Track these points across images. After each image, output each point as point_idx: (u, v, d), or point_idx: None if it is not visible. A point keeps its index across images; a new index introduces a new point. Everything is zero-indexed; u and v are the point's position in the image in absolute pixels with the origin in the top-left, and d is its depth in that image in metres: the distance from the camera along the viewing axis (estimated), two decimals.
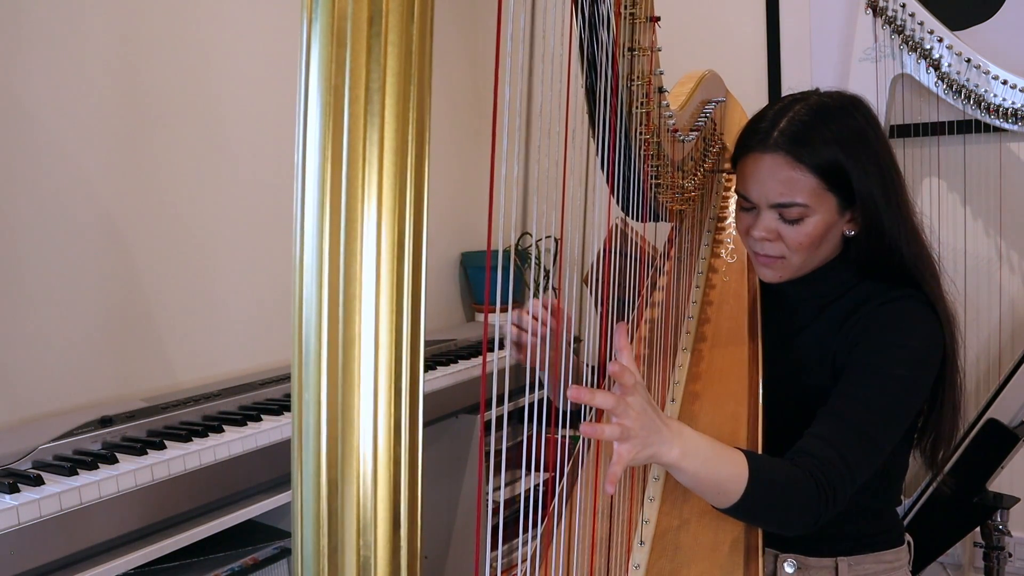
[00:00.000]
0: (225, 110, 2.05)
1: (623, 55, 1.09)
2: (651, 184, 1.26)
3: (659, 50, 1.15)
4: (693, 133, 1.39)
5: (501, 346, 1.92)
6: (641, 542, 1.07)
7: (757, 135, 1.19)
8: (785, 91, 2.50)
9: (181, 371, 1.93)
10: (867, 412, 1.09)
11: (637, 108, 1.15)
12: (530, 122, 0.83)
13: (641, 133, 1.17)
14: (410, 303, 0.42)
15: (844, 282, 1.24)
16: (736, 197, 1.26)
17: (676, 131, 1.29)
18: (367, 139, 0.41)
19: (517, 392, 0.94)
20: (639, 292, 1.41)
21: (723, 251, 1.49)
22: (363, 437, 0.41)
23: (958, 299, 1.25)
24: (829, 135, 1.14)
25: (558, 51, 0.85)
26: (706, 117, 1.46)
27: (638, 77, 1.13)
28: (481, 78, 2.94)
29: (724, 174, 1.65)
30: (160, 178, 1.90)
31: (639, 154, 1.19)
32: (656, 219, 1.37)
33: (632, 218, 1.27)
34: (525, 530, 1.06)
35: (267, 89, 2.12)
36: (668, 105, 1.23)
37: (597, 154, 1.14)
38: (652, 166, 1.24)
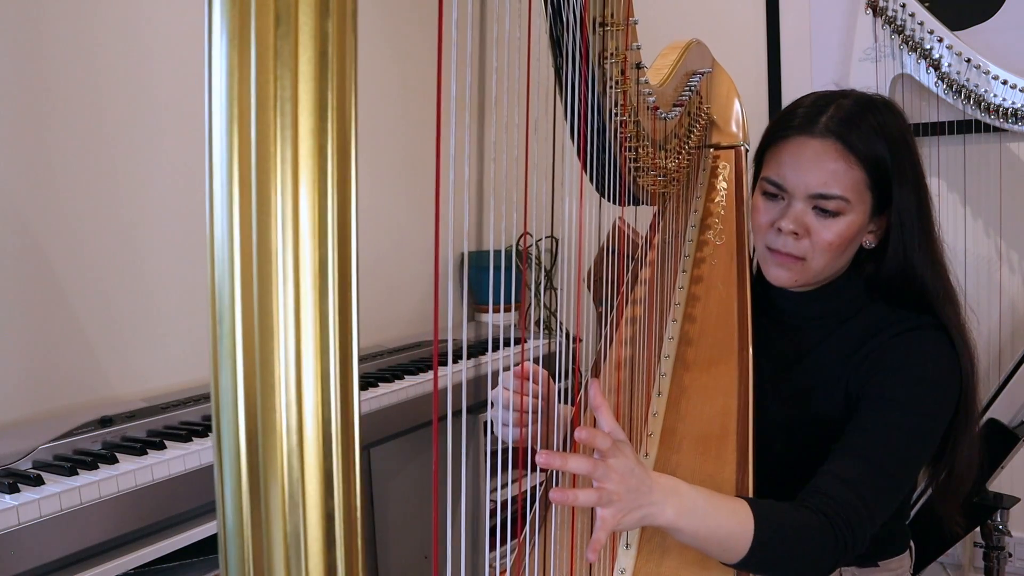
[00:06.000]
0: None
1: (594, 31, 1.01)
2: (629, 167, 1.18)
3: (636, 22, 1.06)
4: (676, 109, 1.31)
5: (498, 347, 1.92)
6: (627, 545, 1.02)
7: (796, 119, 1.11)
8: (785, 91, 2.50)
9: (182, 371, 1.93)
10: (886, 448, 1.02)
11: (611, 87, 1.06)
12: (529, 117, 0.80)
13: (617, 114, 1.09)
14: (337, 340, 0.38)
15: (854, 300, 1.17)
16: (719, 185, 1.15)
17: (657, 108, 1.21)
18: (279, 155, 0.36)
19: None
20: (621, 285, 1.36)
21: (711, 233, 1.42)
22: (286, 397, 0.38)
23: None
24: (879, 128, 1.09)
25: (517, 35, 0.79)
26: (691, 90, 1.38)
27: (612, 55, 1.04)
28: (483, 71, 2.93)
29: (712, 149, 1.57)
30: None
31: (615, 136, 1.11)
32: (636, 203, 1.29)
33: (612, 203, 1.20)
34: (517, 532, 1.05)
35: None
36: (647, 81, 1.14)
37: (573, 141, 1.05)
38: (630, 148, 1.15)
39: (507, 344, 1.98)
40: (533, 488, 1.09)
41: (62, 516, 1.23)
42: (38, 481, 1.26)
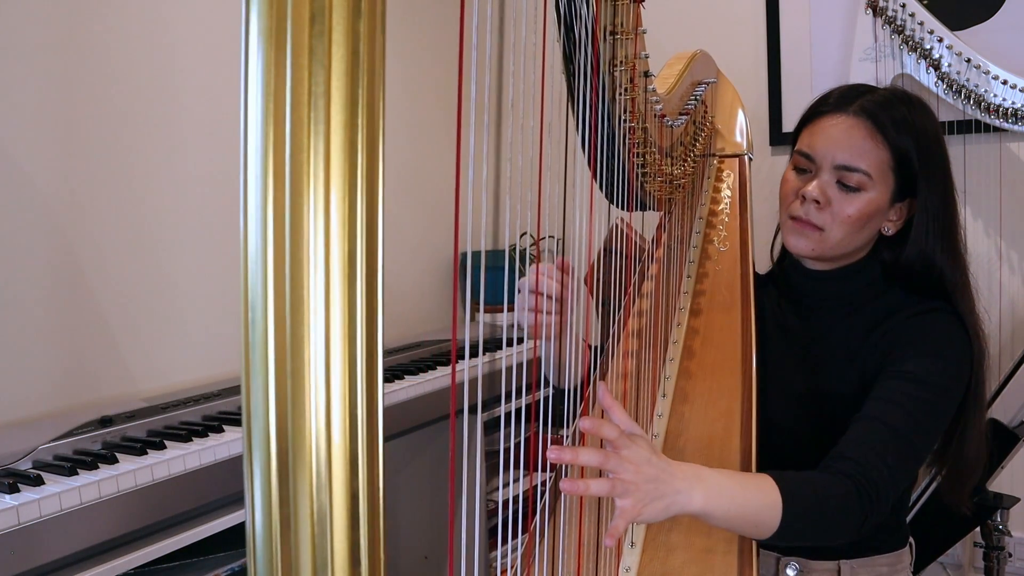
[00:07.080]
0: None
1: (604, 39, 1.04)
2: (637, 173, 1.21)
3: (644, 32, 1.09)
4: (682, 117, 1.34)
5: (498, 347, 1.92)
6: (632, 544, 1.03)
7: (832, 98, 1.18)
8: (785, 91, 2.50)
9: (180, 371, 1.93)
10: (904, 417, 1.05)
11: (620, 94, 1.09)
12: (540, 117, 0.80)
13: (626, 121, 1.12)
14: (364, 327, 0.39)
15: (871, 285, 1.21)
16: (723, 192, 1.19)
17: (664, 116, 1.24)
18: (311, 148, 0.38)
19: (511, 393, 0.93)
20: (626, 287, 1.38)
21: (715, 238, 1.46)
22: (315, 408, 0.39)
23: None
24: (910, 119, 1.14)
25: (532, 40, 0.80)
26: (696, 100, 1.41)
27: (621, 62, 1.08)
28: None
29: (716, 158, 1.60)
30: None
31: (624, 142, 1.14)
32: (643, 208, 1.32)
33: (619, 208, 1.23)
34: (524, 531, 1.05)
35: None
36: (655, 89, 1.18)
37: (584, 151, 1.08)
38: (638, 154, 1.19)
39: (519, 342, 1.98)
40: (543, 482, 1.09)
41: (62, 516, 1.22)
42: (38, 481, 1.25)
